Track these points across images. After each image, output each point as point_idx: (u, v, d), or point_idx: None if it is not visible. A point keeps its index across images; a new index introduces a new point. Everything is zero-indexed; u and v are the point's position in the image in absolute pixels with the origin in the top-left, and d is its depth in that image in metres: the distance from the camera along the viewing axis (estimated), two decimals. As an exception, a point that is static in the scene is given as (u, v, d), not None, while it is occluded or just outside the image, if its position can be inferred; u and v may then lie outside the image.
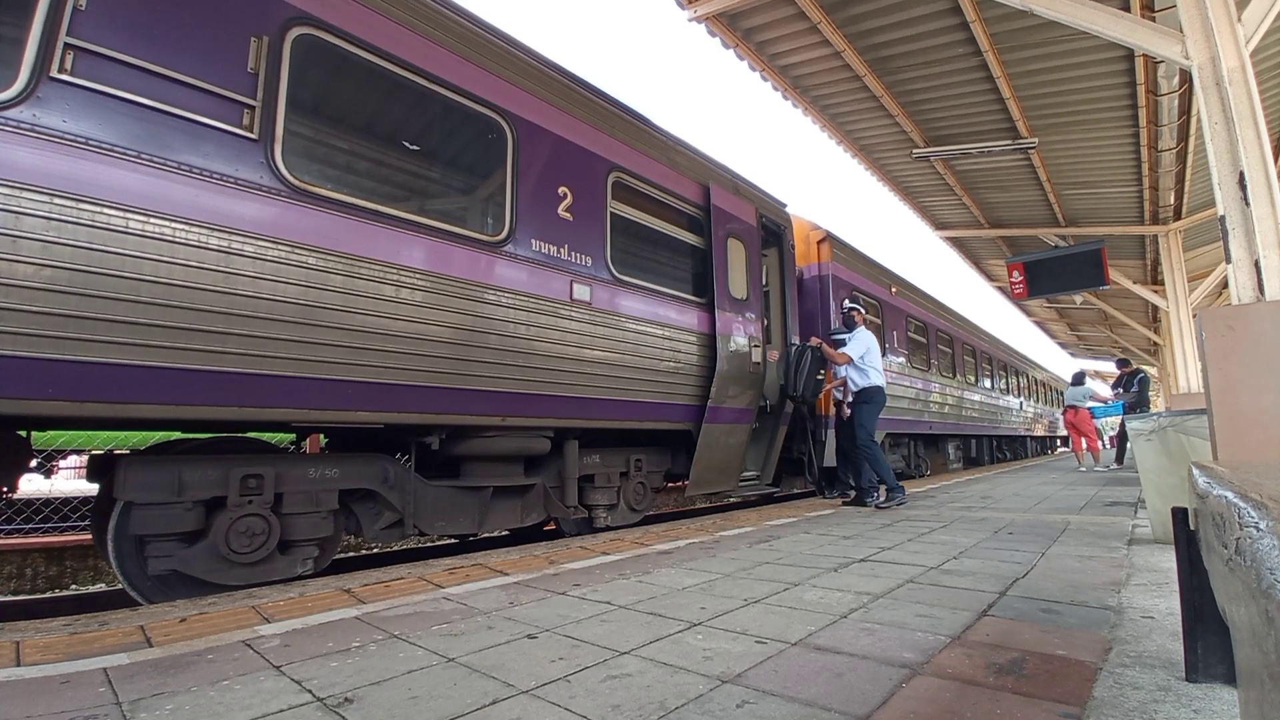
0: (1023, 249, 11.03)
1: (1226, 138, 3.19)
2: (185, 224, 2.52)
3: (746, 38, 6.17)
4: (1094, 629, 1.93)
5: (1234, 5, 3.26)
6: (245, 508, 2.87)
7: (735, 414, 5.47)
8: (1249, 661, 0.75)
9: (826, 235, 7.75)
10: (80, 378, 2.28)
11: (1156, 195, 8.55)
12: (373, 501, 3.45)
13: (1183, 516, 1.56)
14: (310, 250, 2.89)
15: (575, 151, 4.31)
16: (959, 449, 13.23)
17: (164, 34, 2.53)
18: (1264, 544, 0.64)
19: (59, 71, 2.27)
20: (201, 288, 2.55)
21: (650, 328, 4.71)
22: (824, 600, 2.33)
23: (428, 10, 3.52)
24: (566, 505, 4.31)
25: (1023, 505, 5.57)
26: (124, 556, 2.70)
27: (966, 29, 5.65)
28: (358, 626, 2.09)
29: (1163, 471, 3.56)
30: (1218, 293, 11.89)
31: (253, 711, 1.41)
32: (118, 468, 2.65)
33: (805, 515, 5.09)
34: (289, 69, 2.91)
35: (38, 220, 2.19)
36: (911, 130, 7.55)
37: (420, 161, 3.72)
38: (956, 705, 1.38)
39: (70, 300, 2.25)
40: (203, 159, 2.59)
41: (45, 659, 1.80)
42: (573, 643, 1.87)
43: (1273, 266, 2.99)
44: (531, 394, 3.83)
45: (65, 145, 2.26)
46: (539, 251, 3.95)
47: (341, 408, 2.98)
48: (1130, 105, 6.58)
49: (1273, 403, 2.67)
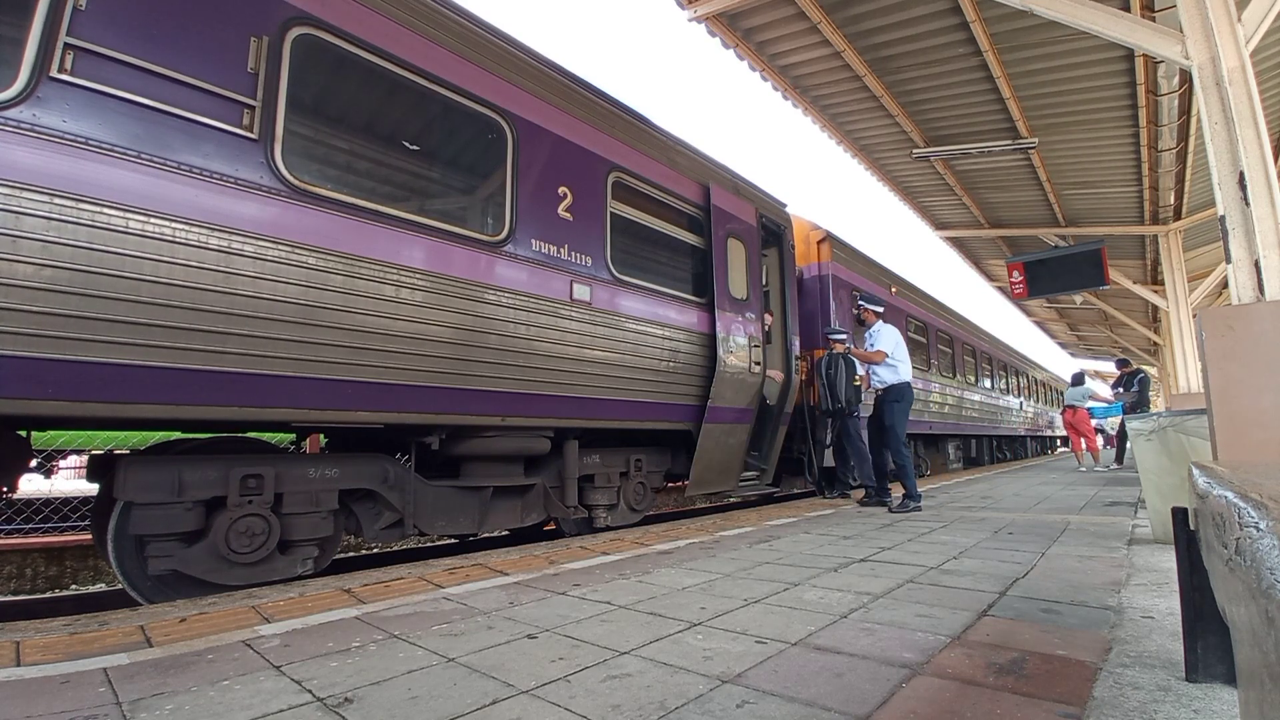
0: (1023, 249, 11.02)
1: (1226, 138, 3.19)
2: (185, 224, 2.52)
3: (746, 38, 6.17)
4: (1094, 629, 1.93)
5: (1234, 5, 3.26)
6: (245, 508, 2.87)
7: (735, 414, 5.46)
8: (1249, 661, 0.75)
9: (826, 235, 7.75)
10: (80, 378, 2.28)
11: (1156, 195, 8.55)
12: (373, 501, 3.45)
13: (1183, 516, 1.56)
14: (310, 250, 2.89)
15: (575, 151, 4.31)
16: (959, 449, 13.23)
17: (164, 34, 2.53)
18: (1264, 544, 0.64)
19: (59, 71, 2.27)
20: (201, 288, 2.55)
21: (650, 328, 4.71)
22: (824, 600, 2.33)
23: (428, 10, 3.52)
24: (566, 505, 4.31)
25: (1023, 505, 5.57)
26: (124, 556, 2.70)
27: (966, 29, 5.64)
28: (358, 626, 2.09)
29: (1163, 471, 3.56)
30: (1218, 293, 11.88)
31: (253, 711, 1.41)
32: (118, 468, 2.65)
33: (805, 515, 5.09)
34: (289, 69, 2.91)
35: (38, 220, 2.19)
36: (911, 130, 7.55)
37: (420, 161, 3.72)
38: (956, 705, 1.38)
39: (70, 300, 2.25)
40: (203, 159, 2.59)
41: (45, 659, 1.80)
42: (573, 643, 1.87)
43: (1273, 266, 2.99)
44: (531, 394, 3.83)
45: (65, 145, 2.26)
46: (539, 251, 3.95)
47: (341, 408, 2.98)
48: (1130, 105, 6.58)
49: (1273, 403, 2.67)
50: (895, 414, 5.55)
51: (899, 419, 5.54)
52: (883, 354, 5.62)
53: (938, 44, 5.96)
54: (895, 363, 5.62)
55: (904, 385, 5.61)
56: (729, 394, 5.35)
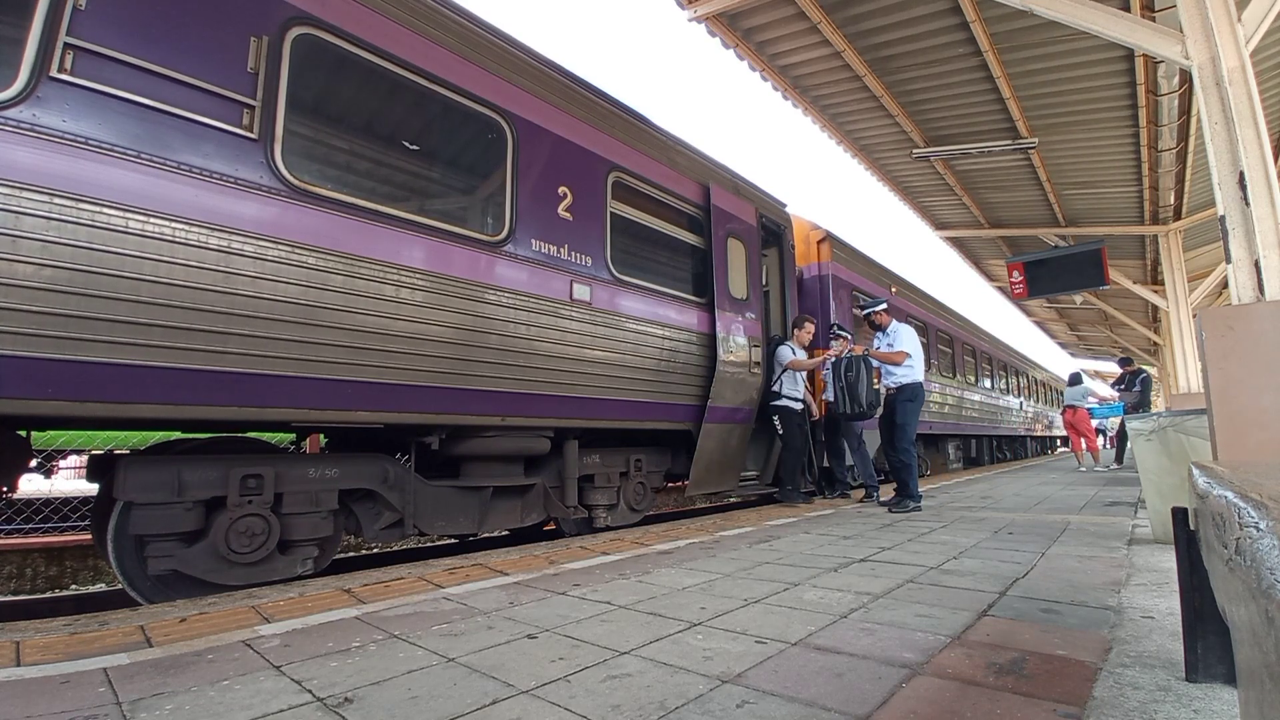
0: (1023, 249, 11.02)
1: (1226, 138, 3.19)
2: (185, 224, 2.52)
3: (746, 38, 6.17)
4: (1094, 629, 1.93)
5: (1234, 5, 3.26)
6: (245, 508, 2.87)
7: (735, 414, 5.47)
8: (1249, 661, 0.75)
9: (826, 235, 7.75)
10: (80, 378, 2.28)
11: (1156, 195, 8.55)
12: (372, 501, 3.45)
13: (1183, 516, 1.56)
14: (310, 250, 2.89)
15: (575, 151, 4.31)
16: (959, 449, 13.24)
17: (164, 34, 2.53)
18: (1264, 544, 0.64)
19: (59, 71, 2.27)
20: (201, 288, 2.55)
21: (650, 327, 4.71)
22: (824, 600, 2.33)
23: (427, 10, 3.52)
24: (566, 505, 4.31)
25: (1023, 505, 5.57)
26: (124, 556, 2.70)
27: (966, 29, 5.64)
28: (358, 626, 2.09)
29: (1163, 471, 3.56)
30: (1218, 293, 11.88)
31: (253, 711, 1.41)
32: (118, 468, 2.65)
33: (805, 515, 5.09)
34: (289, 69, 2.91)
35: (37, 220, 2.19)
36: (911, 130, 7.55)
37: (420, 161, 3.72)
38: (957, 705, 1.38)
39: (70, 300, 2.25)
40: (202, 159, 2.59)
41: (45, 659, 1.80)
42: (573, 643, 1.87)
43: (1273, 266, 2.98)
44: (531, 394, 3.83)
45: (65, 145, 2.26)
46: (539, 251, 3.95)
47: (341, 408, 2.98)
48: (1130, 105, 6.57)
49: (1273, 403, 2.67)
50: (908, 413, 5.48)
51: (911, 418, 5.48)
52: (905, 354, 5.52)
53: (938, 44, 5.96)
54: (912, 362, 5.56)
55: (918, 385, 5.55)
56: (729, 394, 5.35)
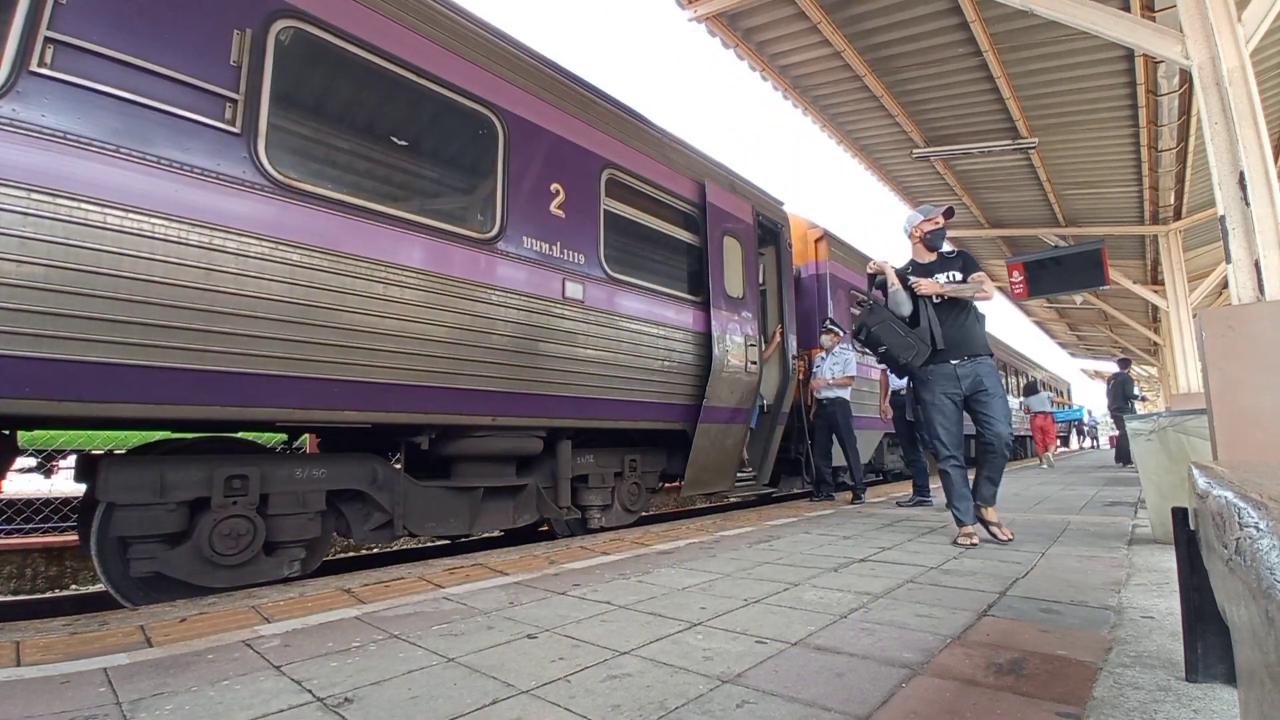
0: (1023, 249, 11.01)
1: (1226, 138, 3.19)
2: (166, 219, 2.48)
3: (746, 38, 6.16)
4: (1094, 629, 1.93)
5: (1234, 5, 3.26)
6: (230, 509, 2.83)
7: (731, 414, 5.45)
8: (1249, 661, 0.75)
9: (824, 234, 7.75)
10: (57, 376, 2.23)
11: (1156, 195, 8.54)
12: (362, 502, 3.41)
13: (1183, 516, 1.56)
14: (294, 247, 2.84)
15: (568, 148, 4.27)
16: (958, 449, 13.28)
17: (146, 28, 2.50)
18: (1264, 544, 0.63)
19: (39, 65, 2.24)
20: (183, 284, 2.51)
21: (645, 326, 4.69)
22: (824, 600, 2.33)
23: (416, 4, 3.49)
24: (560, 506, 4.28)
25: (1022, 505, 5.57)
26: (107, 558, 2.66)
27: (966, 29, 5.64)
28: (358, 626, 2.09)
29: (1163, 471, 3.56)
30: (1218, 293, 11.89)
31: (253, 711, 1.41)
32: (99, 468, 2.60)
33: (805, 515, 5.09)
34: (273, 63, 2.88)
35: (14, 216, 2.15)
36: (911, 130, 7.55)
37: (408, 157, 3.67)
38: (957, 705, 1.38)
39: (47, 297, 2.20)
40: (184, 153, 2.55)
41: (45, 659, 1.80)
42: (573, 643, 1.87)
43: (1273, 266, 2.98)
44: (523, 393, 3.80)
45: (44, 140, 2.22)
46: (531, 249, 3.92)
47: (328, 407, 2.94)
48: (1130, 105, 6.57)
49: (1273, 403, 2.66)
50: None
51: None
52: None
53: (938, 44, 5.96)
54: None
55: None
56: (725, 393, 5.33)
